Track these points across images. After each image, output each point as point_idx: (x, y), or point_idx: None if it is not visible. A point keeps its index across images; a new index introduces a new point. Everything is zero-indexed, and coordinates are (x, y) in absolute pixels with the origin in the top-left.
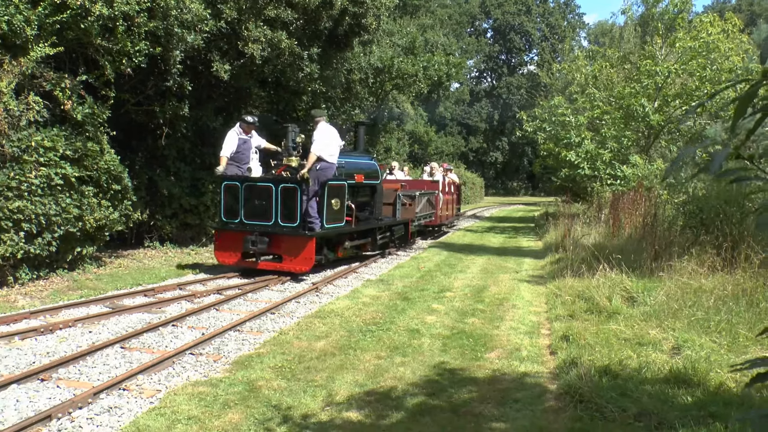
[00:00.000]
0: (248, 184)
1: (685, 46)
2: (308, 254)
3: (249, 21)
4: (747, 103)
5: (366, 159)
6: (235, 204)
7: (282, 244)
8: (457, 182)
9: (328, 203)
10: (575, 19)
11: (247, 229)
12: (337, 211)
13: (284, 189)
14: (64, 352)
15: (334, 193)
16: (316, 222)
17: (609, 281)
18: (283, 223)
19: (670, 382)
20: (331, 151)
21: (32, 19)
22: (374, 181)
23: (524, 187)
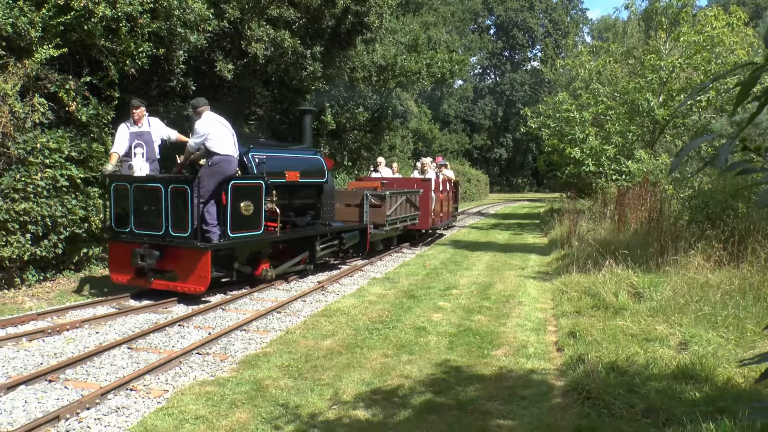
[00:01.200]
0: (137, 186)
1: (690, 40)
2: (203, 271)
3: (252, 20)
4: (749, 89)
5: (307, 153)
6: (125, 210)
7: (174, 259)
8: (453, 179)
9: (234, 207)
10: (578, 14)
11: (136, 240)
12: (250, 217)
13: (174, 190)
14: (71, 353)
15: (244, 195)
16: (213, 231)
17: (615, 277)
18: (174, 232)
19: (678, 377)
20: (222, 143)
21: (36, 21)
22: (318, 179)
23: (529, 184)
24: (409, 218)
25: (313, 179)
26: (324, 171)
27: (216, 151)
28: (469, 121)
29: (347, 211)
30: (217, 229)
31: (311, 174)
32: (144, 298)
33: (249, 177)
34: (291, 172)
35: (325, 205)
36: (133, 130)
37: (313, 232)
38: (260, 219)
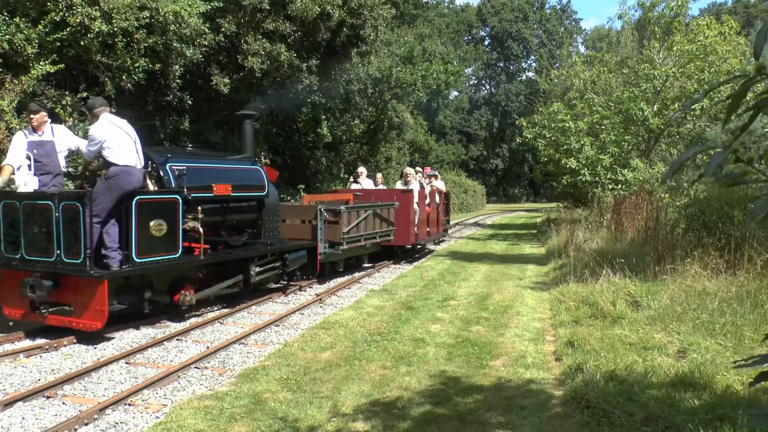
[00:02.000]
0: (27, 204)
1: (683, 49)
2: (98, 304)
3: (248, 34)
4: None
5: (243, 164)
6: (16, 232)
7: (70, 290)
8: (444, 190)
9: (141, 227)
10: (572, 24)
11: (27, 267)
12: (163, 238)
13: (66, 208)
14: (69, 369)
15: (154, 212)
16: (113, 255)
17: (613, 286)
18: (67, 258)
19: (677, 385)
20: (121, 152)
21: (33, 37)
22: (256, 193)
23: (526, 194)
24: (379, 234)
25: (250, 193)
26: (264, 183)
27: (113, 161)
28: (465, 132)
29: (300, 228)
30: (118, 254)
31: (248, 187)
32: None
33: (162, 192)
34: (221, 185)
35: (268, 222)
36: (32, 139)
37: (245, 253)
38: (176, 240)
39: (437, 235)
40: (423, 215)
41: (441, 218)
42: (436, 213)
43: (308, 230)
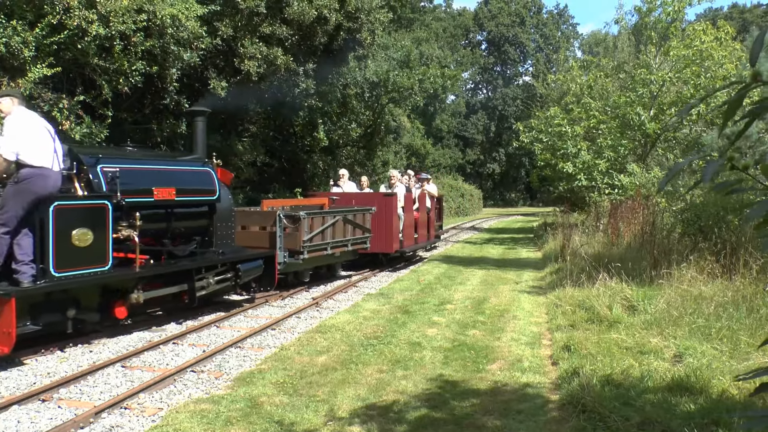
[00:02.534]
0: None
1: (679, 54)
2: (5, 326)
3: (245, 38)
4: (736, 107)
5: (191, 165)
6: None
7: None
8: (434, 194)
9: (59, 236)
10: (569, 29)
11: None
12: (88, 249)
13: None
14: (64, 372)
15: (76, 220)
16: (24, 270)
17: (609, 290)
18: None
19: (673, 390)
20: (34, 151)
21: (30, 40)
22: (206, 197)
23: (522, 198)
24: (351, 242)
25: (197, 197)
26: (215, 187)
27: (27, 162)
28: (462, 136)
29: (260, 236)
30: (31, 268)
31: (195, 191)
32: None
33: (87, 197)
34: (162, 189)
35: (221, 229)
36: None
37: (190, 264)
38: (105, 250)
39: (428, 242)
40: (410, 220)
41: (433, 223)
42: (426, 218)
43: (268, 238)
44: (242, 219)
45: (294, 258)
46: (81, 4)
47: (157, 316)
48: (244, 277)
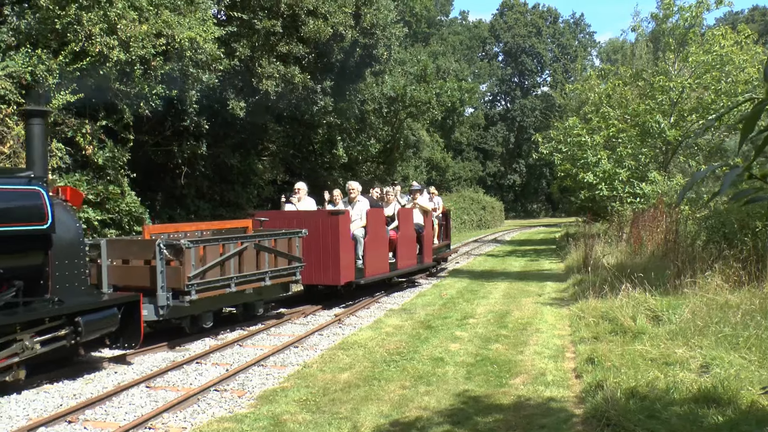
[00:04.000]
0: None
1: (698, 60)
2: None
3: (262, 58)
4: (754, 122)
5: (10, 183)
6: None
7: None
8: (428, 209)
9: None
10: (586, 38)
11: None
12: None
13: None
14: (90, 394)
15: None
16: None
17: (632, 301)
18: None
19: (700, 401)
20: None
21: (54, 68)
22: (31, 226)
23: (544, 209)
24: (270, 274)
25: (17, 227)
26: (44, 212)
27: None
28: (481, 148)
29: (142, 272)
30: None
31: (12, 218)
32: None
33: None
34: None
35: (62, 269)
36: None
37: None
38: None
39: (419, 266)
40: (379, 243)
41: (429, 244)
42: (415, 238)
43: (146, 275)
44: (122, 251)
45: (178, 299)
46: (102, 30)
47: (180, 336)
48: (88, 333)
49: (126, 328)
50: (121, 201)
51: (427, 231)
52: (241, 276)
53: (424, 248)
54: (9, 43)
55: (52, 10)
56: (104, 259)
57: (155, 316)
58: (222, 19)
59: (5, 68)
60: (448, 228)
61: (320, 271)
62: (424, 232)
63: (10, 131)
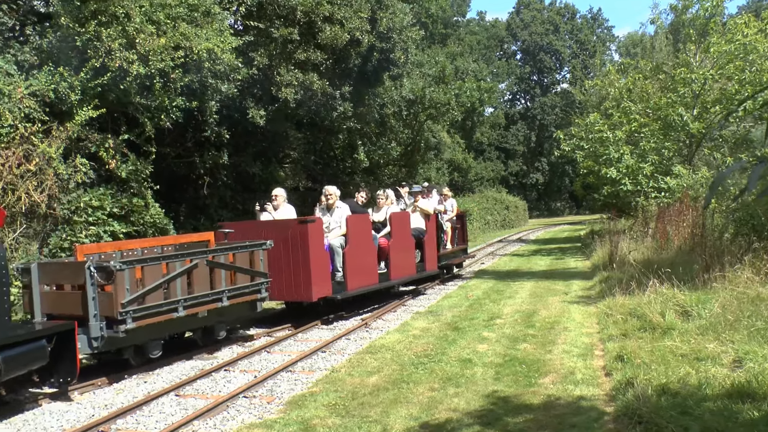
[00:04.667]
0: None
1: (721, 50)
2: None
3: (280, 66)
4: None
5: None
6: None
7: None
8: (430, 212)
9: None
10: (604, 33)
11: None
12: None
13: None
14: (121, 404)
15: None
16: None
17: (660, 296)
18: None
19: (733, 397)
20: None
21: (76, 84)
22: None
23: (568, 207)
24: (228, 293)
25: None
26: None
27: None
28: (502, 147)
29: (69, 299)
30: None
31: None
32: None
33: None
34: None
35: None
36: None
37: None
38: None
39: (421, 275)
40: (365, 252)
41: (432, 250)
42: (412, 245)
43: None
44: (55, 275)
45: (113, 330)
46: (121, 45)
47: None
48: (10, 370)
49: (60, 362)
50: (145, 213)
51: (430, 236)
52: (191, 298)
53: (426, 255)
54: (32, 62)
55: (72, 28)
56: (35, 285)
57: (89, 348)
58: (239, 29)
59: (29, 87)
60: (464, 231)
61: (291, 286)
62: (426, 238)
63: (35, 149)
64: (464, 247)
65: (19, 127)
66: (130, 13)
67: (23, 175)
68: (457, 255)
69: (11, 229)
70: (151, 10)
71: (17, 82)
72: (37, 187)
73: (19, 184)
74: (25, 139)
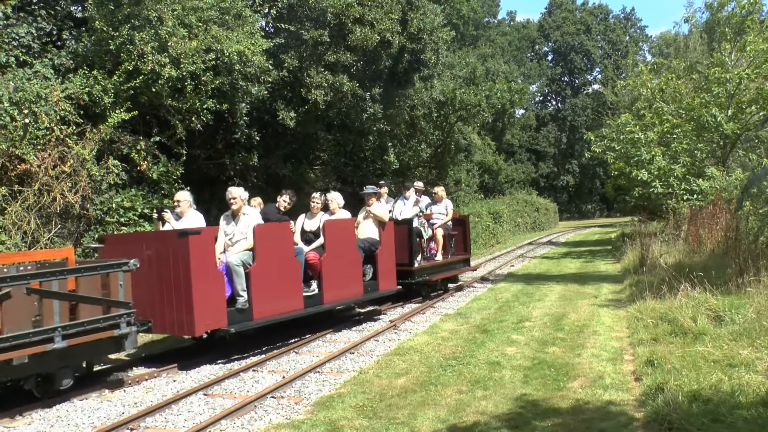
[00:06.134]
0: None
1: (757, 48)
2: None
3: (310, 68)
4: None
5: None
6: None
7: None
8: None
9: None
10: (637, 33)
11: None
12: None
13: None
14: (150, 402)
15: None
16: None
17: (692, 301)
18: None
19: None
20: None
21: (109, 87)
22: None
23: (599, 209)
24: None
25: None
26: None
27: None
28: (533, 149)
29: None
30: None
31: None
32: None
33: None
34: None
35: None
36: None
37: None
38: None
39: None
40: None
41: (387, 265)
42: (358, 260)
43: None
44: None
45: None
46: (154, 49)
47: (236, 344)
48: None
49: None
50: None
51: (386, 248)
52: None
53: (380, 271)
54: (68, 66)
55: (107, 32)
56: None
57: None
58: (270, 31)
59: (65, 90)
60: (466, 239)
61: (171, 316)
62: (380, 250)
63: (71, 150)
64: (465, 257)
65: (54, 129)
66: (163, 17)
67: (58, 176)
68: (451, 267)
69: (47, 229)
70: (183, 14)
71: (53, 86)
72: (71, 188)
73: (55, 185)
74: (60, 141)
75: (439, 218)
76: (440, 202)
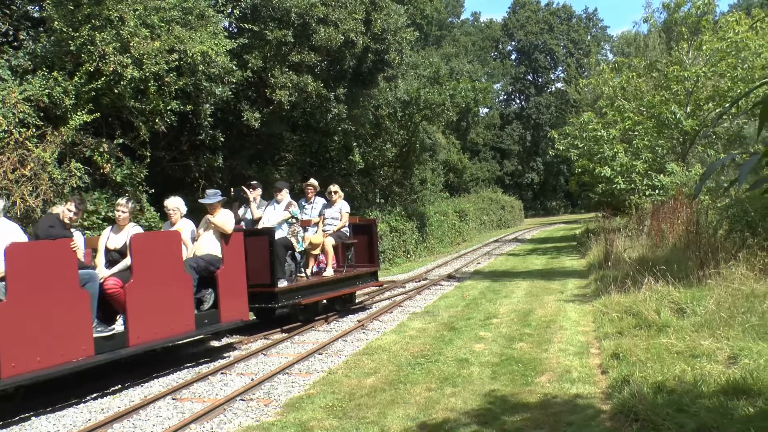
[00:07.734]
0: None
1: (713, 47)
2: None
3: (274, 68)
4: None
5: None
6: None
7: None
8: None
9: None
10: (599, 32)
11: None
12: None
13: None
14: (117, 408)
15: None
16: None
17: (656, 294)
18: None
19: (729, 393)
20: None
21: (70, 89)
22: None
23: (563, 206)
24: None
25: None
26: None
27: None
28: (498, 148)
29: None
30: None
31: None
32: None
33: None
34: None
35: None
36: None
37: None
38: None
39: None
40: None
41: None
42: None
43: None
44: None
45: None
46: (116, 49)
47: (206, 349)
48: None
49: None
50: (140, 217)
51: (232, 266)
52: None
53: (223, 297)
54: (26, 67)
55: (66, 32)
56: None
57: None
58: (233, 31)
59: (23, 92)
60: (373, 248)
61: None
62: (221, 270)
63: (30, 154)
64: (371, 270)
65: (13, 132)
66: (124, 17)
67: (18, 180)
68: (347, 283)
69: None
70: (145, 14)
71: (11, 87)
72: (32, 192)
73: (14, 189)
74: (19, 144)
75: (333, 224)
76: (335, 205)
